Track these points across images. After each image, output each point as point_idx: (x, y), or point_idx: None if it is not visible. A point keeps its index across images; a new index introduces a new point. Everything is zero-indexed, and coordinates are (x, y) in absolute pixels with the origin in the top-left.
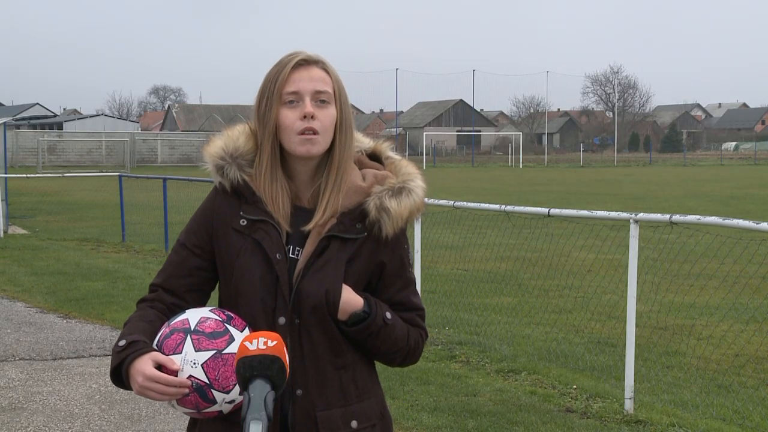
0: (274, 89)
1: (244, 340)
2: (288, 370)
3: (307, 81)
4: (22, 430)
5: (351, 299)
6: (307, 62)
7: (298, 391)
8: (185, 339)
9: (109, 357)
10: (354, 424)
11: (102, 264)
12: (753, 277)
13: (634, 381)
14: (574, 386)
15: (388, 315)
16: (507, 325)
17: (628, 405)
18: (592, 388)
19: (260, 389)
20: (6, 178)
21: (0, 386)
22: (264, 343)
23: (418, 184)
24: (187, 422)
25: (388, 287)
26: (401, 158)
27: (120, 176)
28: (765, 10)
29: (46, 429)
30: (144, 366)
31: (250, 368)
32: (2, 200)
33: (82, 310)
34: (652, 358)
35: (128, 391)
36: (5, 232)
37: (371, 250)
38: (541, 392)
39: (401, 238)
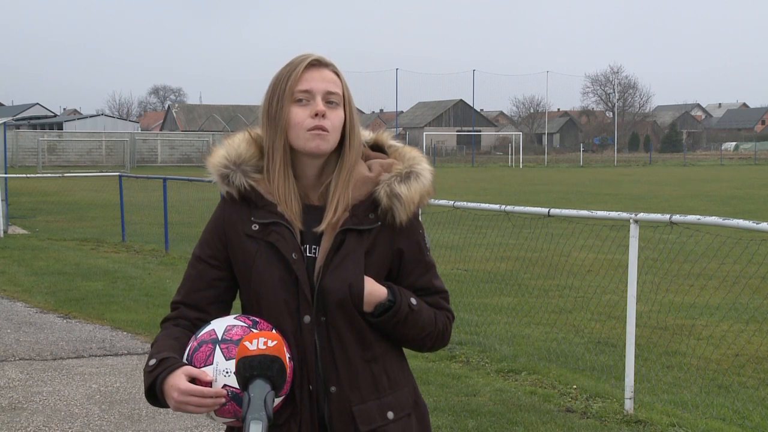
0: (286, 87)
1: (244, 340)
2: (288, 370)
3: (319, 81)
4: (22, 430)
5: (375, 290)
6: (319, 63)
7: (332, 389)
8: (214, 349)
9: (109, 357)
10: (390, 415)
11: (102, 264)
12: (753, 277)
13: (634, 381)
14: (574, 386)
15: (413, 301)
16: (507, 325)
17: (628, 405)
18: (592, 388)
19: (260, 389)
20: (6, 178)
21: (0, 386)
22: (264, 343)
23: (424, 167)
24: (187, 422)
25: (409, 274)
26: (404, 145)
27: (120, 176)
28: (765, 10)
29: (46, 429)
30: (178, 381)
31: (250, 368)
32: (2, 200)
33: (82, 310)
34: (652, 358)
35: (128, 391)
36: (5, 232)
37: (388, 238)
38: (541, 392)
39: (416, 224)
